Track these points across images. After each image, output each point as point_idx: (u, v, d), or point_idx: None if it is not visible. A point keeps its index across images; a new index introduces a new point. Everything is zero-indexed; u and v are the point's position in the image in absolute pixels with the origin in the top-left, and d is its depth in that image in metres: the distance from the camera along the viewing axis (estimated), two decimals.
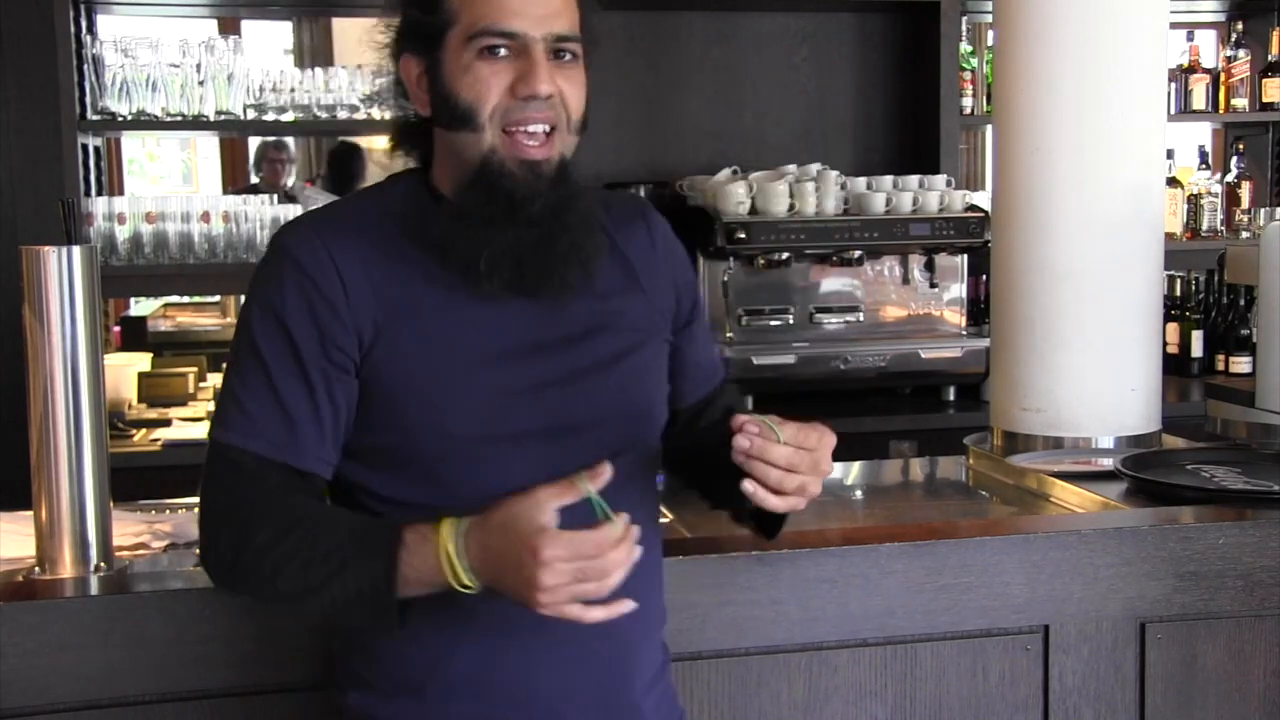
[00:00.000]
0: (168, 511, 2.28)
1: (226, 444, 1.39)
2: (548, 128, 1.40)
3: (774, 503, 1.38)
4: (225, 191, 6.67)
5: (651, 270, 1.54)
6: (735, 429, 1.36)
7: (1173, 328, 4.15)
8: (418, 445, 1.41)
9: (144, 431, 3.60)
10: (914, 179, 3.94)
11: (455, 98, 1.39)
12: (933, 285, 3.98)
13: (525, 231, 1.39)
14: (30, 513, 1.87)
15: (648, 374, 1.52)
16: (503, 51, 1.37)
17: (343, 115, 3.87)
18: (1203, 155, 4.63)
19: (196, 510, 1.41)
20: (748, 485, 1.37)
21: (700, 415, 1.64)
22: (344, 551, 1.33)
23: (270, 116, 3.85)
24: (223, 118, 3.79)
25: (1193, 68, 4.56)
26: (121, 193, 6.08)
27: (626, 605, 1.29)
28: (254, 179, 6.45)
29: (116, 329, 4.68)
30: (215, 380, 4.09)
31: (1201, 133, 5.45)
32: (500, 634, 1.42)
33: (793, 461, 1.36)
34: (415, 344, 1.40)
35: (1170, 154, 3.99)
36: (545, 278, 1.41)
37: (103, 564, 1.84)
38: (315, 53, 7.04)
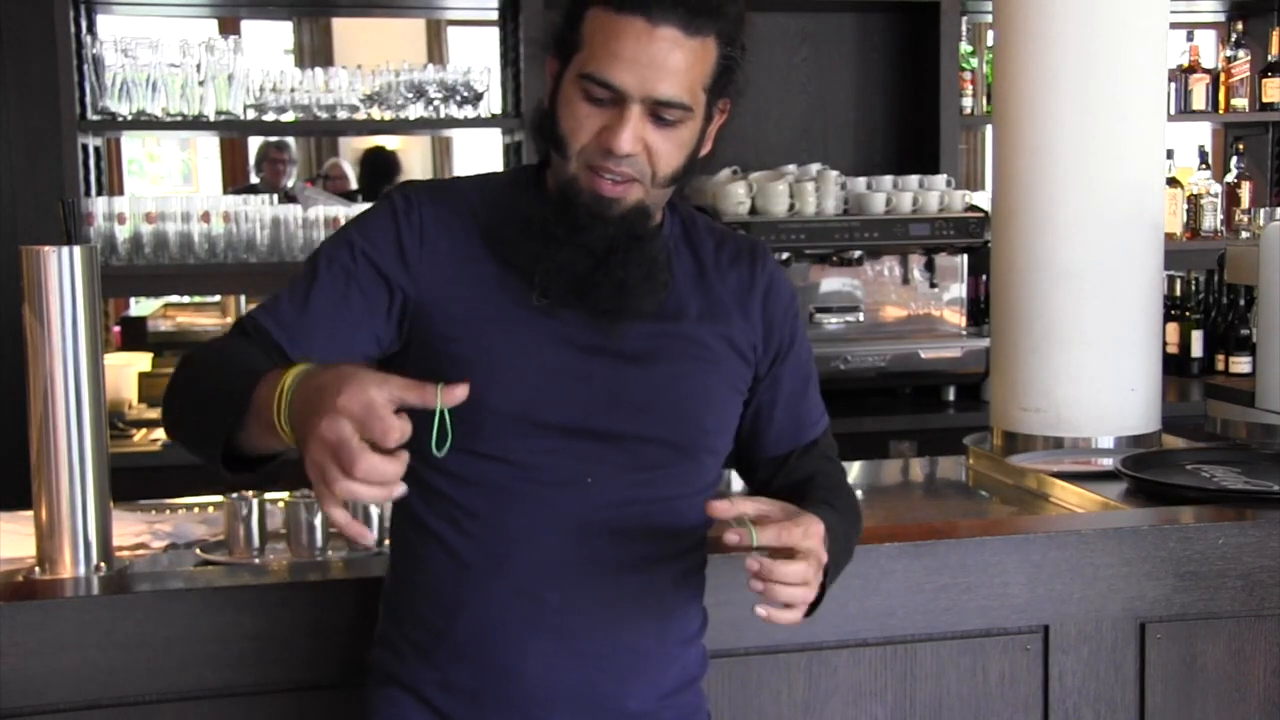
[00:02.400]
0: (168, 511, 2.28)
1: (250, 314, 1.47)
2: (627, 180, 1.43)
3: (789, 618, 1.35)
4: (225, 191, 6.67)
5: (742, 308, 1.55)
6: (715, 535, 1.33)
7: (1173, 328, 4.14)
8: (459, 410, 1.43)
9: (144, 431, 3.60)
10: (914, 179, 3.94)
11: (557, 122, 1.43)
12: (933, 285, 3.98)
13: (582, 256, 1.42)
14: (30, 513, 1.87)
15: (705, 401, 1.51)
16: (602, 99, 1.39)
17: (343, 115, 3.88)
18: (1203, 155, 4.63)
19: (195, 505, 1.47)
20: (760, 611, 1.33)
21: (779, 472, 1.62)
22: (228, 372, 1.35)
23: (270, 116, 3.85)
24: (223, 118, 3.79)
25: (1193, 68, 4.56)
26: (121, 193, 6.07)
27: (367, 537, 1.18)
28: (254, 179, 6.45)
29: (116, 329, 4.68)
30: None
31: (1201, 133, 5.45)
32: (499, 609, 1.45)
33: (805, 575, 1.32)
34: (473, 314, 1.45)
35: (1170, 154, 3.99)
36: (593, 303, 1.44)
37: (103, 564, 1.84)
38: (315, 53, 7.05)
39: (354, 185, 6.44)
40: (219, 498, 2.11)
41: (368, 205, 3.89)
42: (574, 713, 1.47)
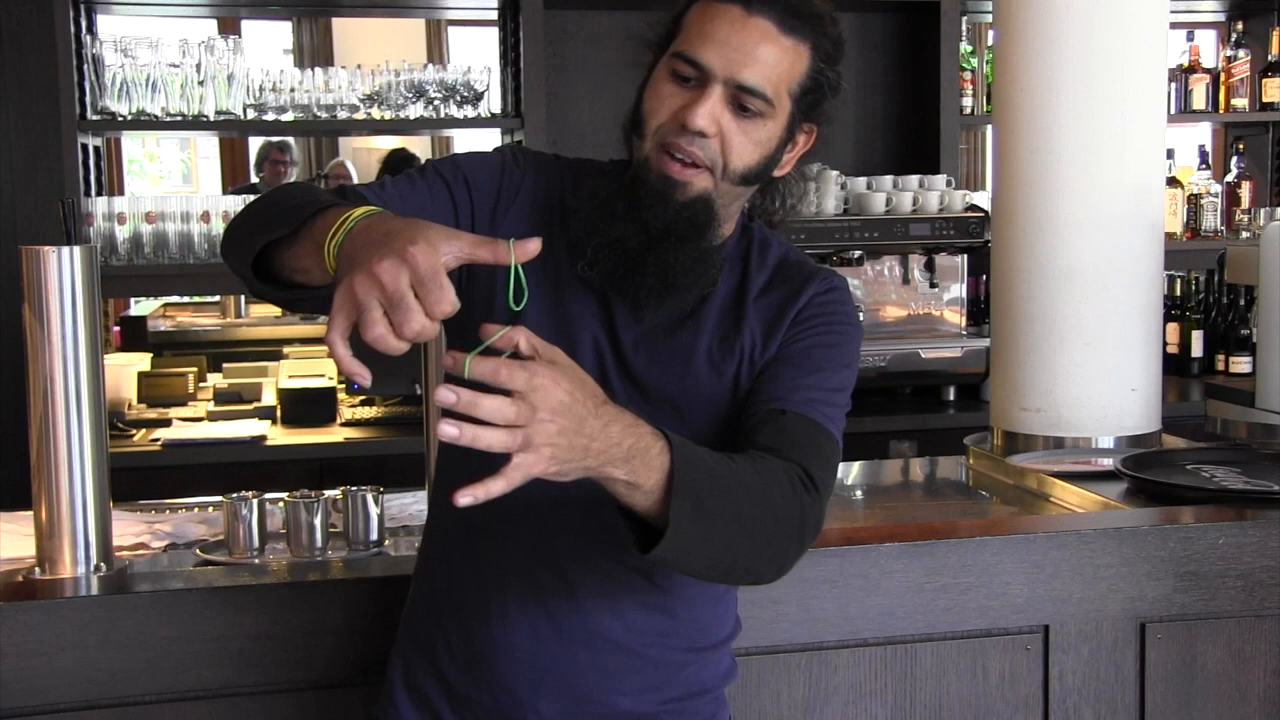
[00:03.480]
0: (168, 511, 2.28)
1: (352, 185, 1.45)
2: (696, 164, 1.40)
3: (501, 484, 1.12)
4: (225, 191, 6.67)
5: (769, 333, 1.49)
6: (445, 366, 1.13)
7: (1173, 328, 4.15)
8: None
9: (144, 431, 3.60)
10: (914, 179, 3.94)
11: (641, 103, 1.44)
12: (933, 285, 3.98)
13: (636, 232, 1.41)
14: (30, 513, 1.87)
15: (709, 421, 1.47)
16: (688, 79, 1.40)
17: (343, 115, 3.87)
18: (1203, 155, 4.63)
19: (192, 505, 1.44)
20: (449, 430, 1.08)
21: (740, 433, 1.47)
22: (303, 197, 1.34)
23: (270, 116, 3.85)
24: (223, 118, 3.78)
25: (1193, 68, 4.56)
26: (121, 193, 6.08)
27: (365, 377, 1.11)
28: (254, 179, 6.45)
29: (116, 329, 4.68)
30: (215, 380, 4.09)
31: (1201, 133, 5.45)
32: (499, 583, 1.47)
33: (508, 416, 1.10)
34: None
35: (1170, 154, 3.99)
36: (636, 285, 1.43)
37: (103, 564, 1.84)
38: (315, 53, 7.06)
39: (355, 183, 6.43)
40: (219, 498, 2.11)
41: None
42: (558, 698, 1.47)
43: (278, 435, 3.58)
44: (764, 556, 1.33)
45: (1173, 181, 4.36)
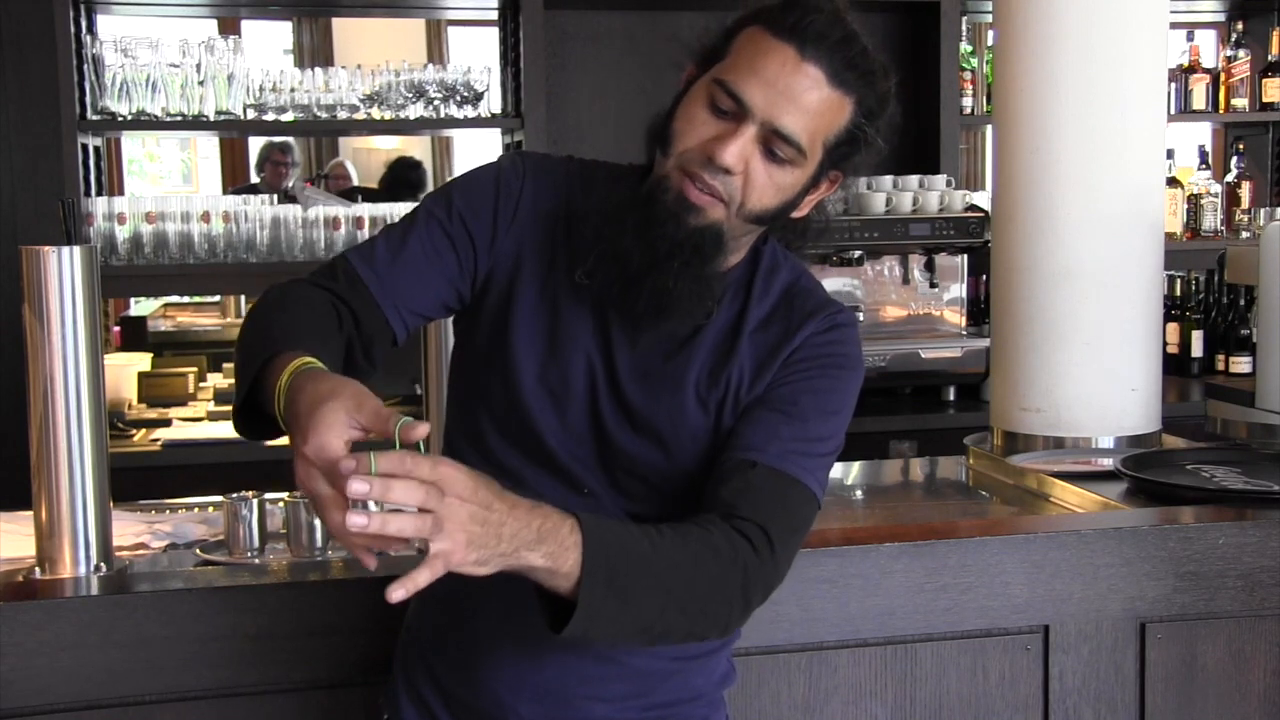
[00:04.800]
0: (168, 511, 2.28)
1: (344, 255, 1.49)
2: (714, 195, 1.38)
3: (425, 575, 1.15)
4: (225, 191, 6.68)
5: (761, 367, 1.46)
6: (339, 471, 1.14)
7: (1173, 328, 4.15)
8: (479, 368, 1.47)
9: (144, 431, 3.60)
10: (914, 179, 3.94)
11: (671, 120, 1.41)
12: (933, 285, 3.98)
13: (640, 250, 1.39)
14: (30, 513, 1.87)
15: (694, 456, 1.45)
16: (725, 109, 1.37)
17: (343, 115, 3.88)
18: (1203, 155, 4.63)
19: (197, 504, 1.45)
20: (359, 519, 1.11)
21: (707, 481, 1.44)
22: (267, 336, 1.37)
23: (270, 116, 3.85)
24: (223, 118, 3.79)
25: (1193, 68, 4.56)
26: (121, 193, 6.08)
27: (371, 564, 1.19)
28: (255, 179, 6.46)
29: (116, 329, 4.68)
30: (215, 380, 4.09)
31: (1201, 133, 5.45)
32: (489, 586, 1.43)
33: (422, 499, 1.13)
34: (520, 299, 1.46)
35: (1170, 154, 3.99)
36: (631, 303, 1.41)
37: (102, 564, 1.84)
38: (315, 53, 7.06)
39: (355, 183, 6.46)
40: (219, 498, 2.11)
41: (369, 205, 3.87)
42: (539, 702, 1.47)
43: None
44: (700, 624, 1.34)
45: (1173, 181, 4.36)
